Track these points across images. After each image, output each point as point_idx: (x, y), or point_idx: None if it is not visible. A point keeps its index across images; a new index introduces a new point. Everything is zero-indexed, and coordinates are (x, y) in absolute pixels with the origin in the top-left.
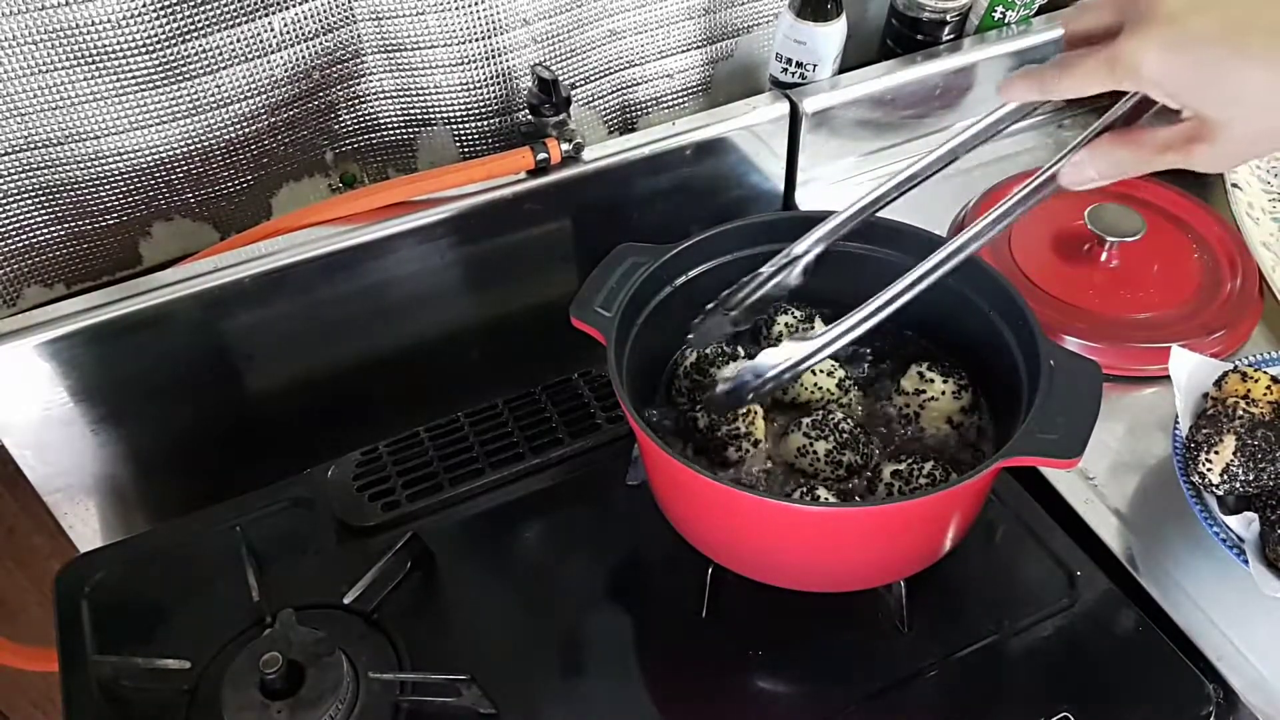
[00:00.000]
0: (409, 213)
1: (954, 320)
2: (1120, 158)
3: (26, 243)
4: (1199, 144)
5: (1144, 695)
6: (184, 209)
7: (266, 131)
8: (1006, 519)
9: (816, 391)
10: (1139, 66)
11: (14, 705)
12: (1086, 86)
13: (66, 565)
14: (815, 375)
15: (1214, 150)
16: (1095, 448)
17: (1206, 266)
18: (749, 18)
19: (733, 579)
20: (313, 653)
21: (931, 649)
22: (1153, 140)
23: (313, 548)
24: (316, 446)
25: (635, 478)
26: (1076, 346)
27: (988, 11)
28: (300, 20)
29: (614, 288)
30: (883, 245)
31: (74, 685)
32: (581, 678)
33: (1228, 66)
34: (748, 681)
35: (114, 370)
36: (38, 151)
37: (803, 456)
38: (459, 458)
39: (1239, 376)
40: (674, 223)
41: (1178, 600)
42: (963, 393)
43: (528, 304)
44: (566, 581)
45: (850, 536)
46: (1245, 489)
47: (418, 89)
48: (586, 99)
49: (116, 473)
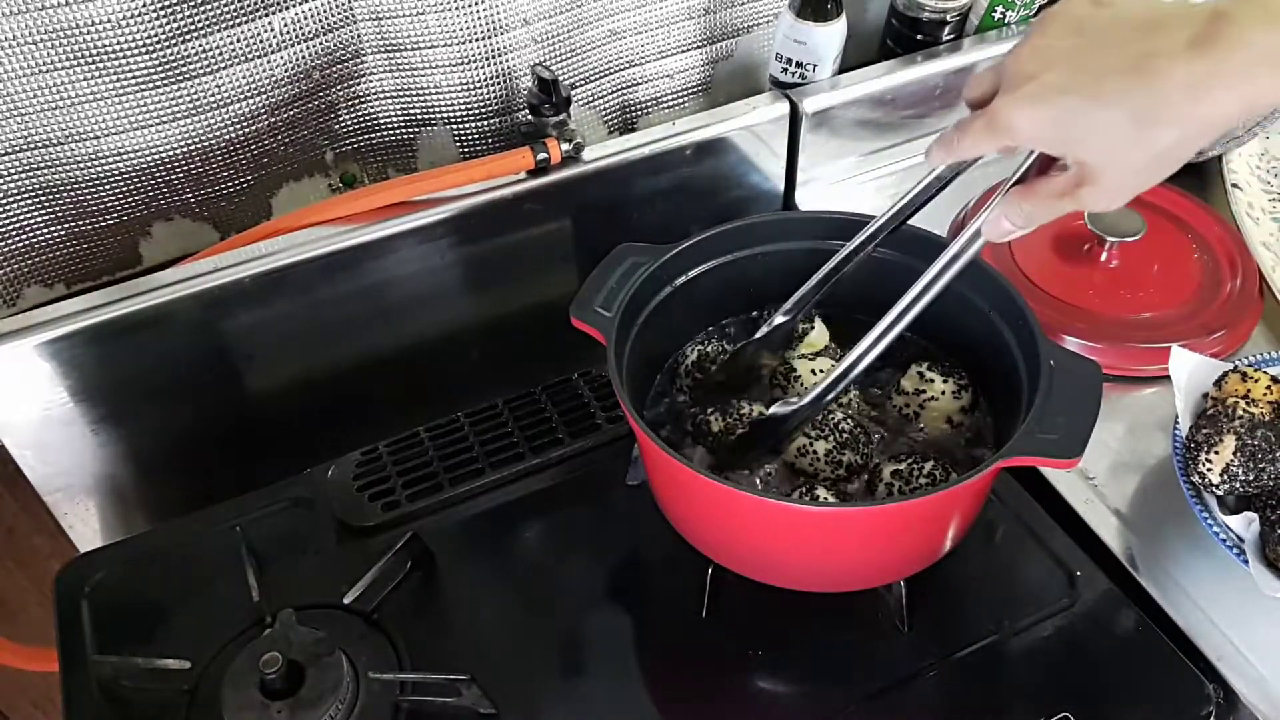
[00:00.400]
0: (409, 213)
1: (954, 320)
2: (1027, 209)
3: (26, 243)
4: (1085, 187)
5: (1144, 695)
6: (184, 209)
7: (266, 131)
8: (1006, 519)
9: None
10: (1011, 123)
11: (14, 705)
12: (978, 146)
13: (66, 565)
14: (816, 376)
15: (1098, 190)
16: (1095, 448)
17: (1206, 266)
18: (749, 18)
19: (733, 579)
20: (313, 653)
21: (931, 649)
22: (1048, 189)
23: (313, 548)
24: (316, 446)
25: (635, 478)
26: (1076, 346)
27: (988, 11)
28: (300, 20)
29: (614, 288)
30: (882, 245)
31: (74, 685)
32: (581, 678)
33: (1087, 112)
34: (748, 681)
35: (114, 370)
36: (38, 151)
37: (803, 456)
38: (459, 458)
39: (1239, 376)
40: (674, 223)
41: (1178, 600)
42: (963, 393)
43: (528, 304)
44: (566, 581)
45: (850, 536)
46: (1245, 489)
47: (418, 89)
48: (586, 99)
49: (116, 473)
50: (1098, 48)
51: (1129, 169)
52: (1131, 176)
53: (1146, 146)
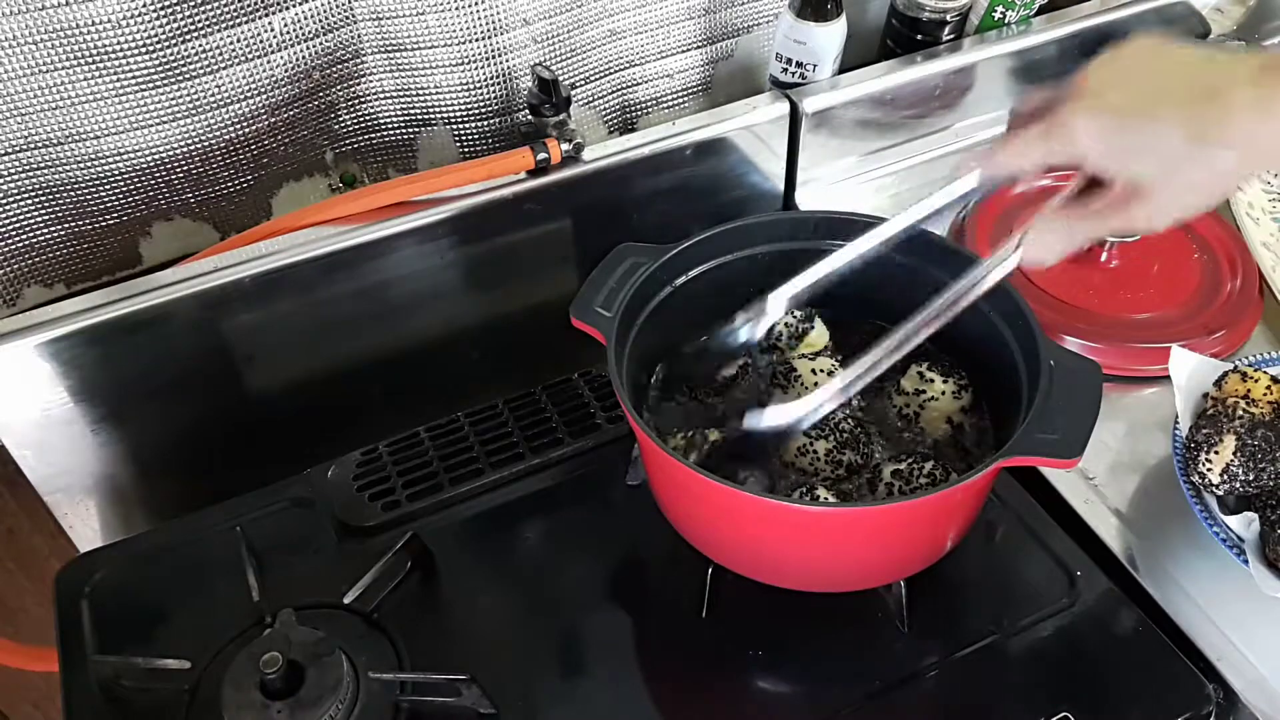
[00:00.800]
0: (409, 213)
1: (954, 320)
2: (1072, 228)
3: (26, 243)
4: (1134, 204)
5: (1144, 695)
6: (184, 209)
7: (266, 131)
8: (1006, 519)
9: None
10: (1071, 129)
11: (14, 705)
12: (1029, 154)
13: (66, 565)
14: (817, 376)
15: (1150, 207)
16: (1095, 448)
17: (1206, 266)
18: (749, 18)
19: (733, 579)
20: (313, 653)
21: (931, 649)
22: (1097, 204)
23: (313, 548)
24: (316, 446)
25: (635, 478)
26: (1076, 346)
27: (988, 11)
28: (300, 20)
29: (614, 288)
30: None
31: (74, 685)
32: (581, 678)
33: (1146, 127)
34: (748, 681)
35: (114, 370)
36: (38, 151)
37: (802, 455)
38: (459, 458)
39: (1239, 376)
40: (674, 223)
41: (1178, 600)
42: (963, 393)
43: (528, 304)
44: (566, 581)
45: (850, 536)
46: (1245, 489)
47: (418, 89)
48: (586, 99)
49: (116, 473)
50: (1162, 74)
51: (1182, 187)
52: (1184, 195)
53: (1203, 165)
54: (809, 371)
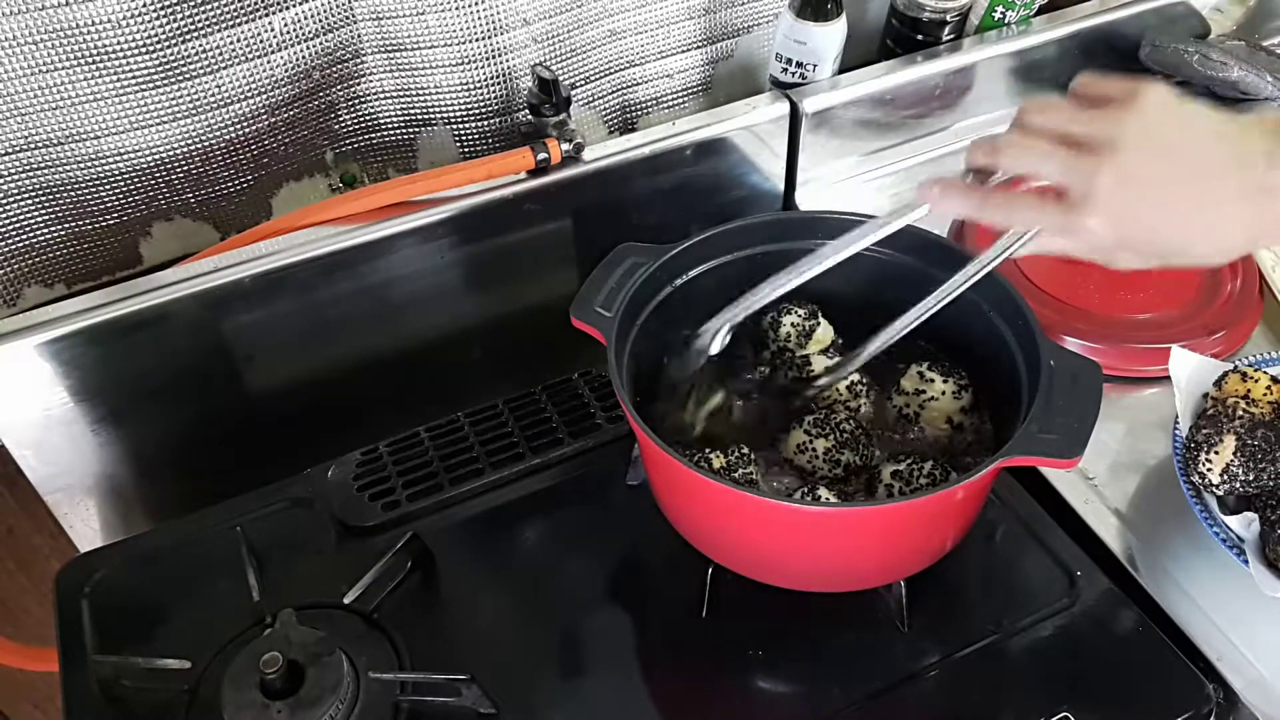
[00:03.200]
0: (409, 213)
1: (954, 320)
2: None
3: (26, 243)
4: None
5: (1144, 695)
6: (184, 209)
7: (266, 131)
8: (1006, 519)
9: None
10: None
11: (14, 705)
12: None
13: (66, 565)
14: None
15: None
16: (1095, 448)
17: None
18: (749, 18)
19: (733, 579)
20: (313, 653)
21: (931, 649)
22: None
23: (313, 548)
24: (316, 446)
25: (635, 478)
26: (1076, 346)
27: (988, 11)
28: (300, 20)
29: (614, 288)
30: (885, 246)
31: (74, 685)
32: (581, 678)
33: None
34: (748, 681)
35: (114, 370)
36: (38, 151)
37: (801, 453)
38: (459, 458)
39: (1239, 376)
40: (674, 223)
41: (1178, 600)
42: (963, 393)
43: (528, 304)
44: (566, 581)
45: (850, 536)
46: (1245, 489)
47: (418, 89)
48: (586, 99)
49: (116, 473)
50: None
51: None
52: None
53: None
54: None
